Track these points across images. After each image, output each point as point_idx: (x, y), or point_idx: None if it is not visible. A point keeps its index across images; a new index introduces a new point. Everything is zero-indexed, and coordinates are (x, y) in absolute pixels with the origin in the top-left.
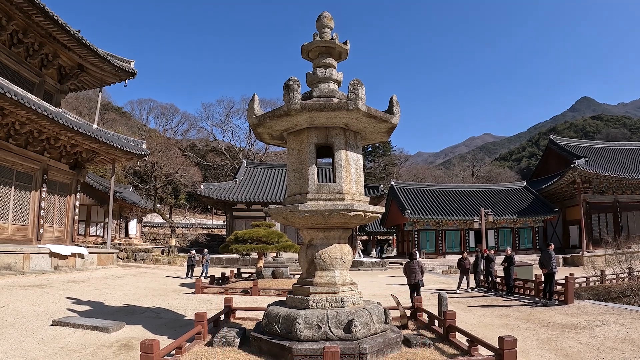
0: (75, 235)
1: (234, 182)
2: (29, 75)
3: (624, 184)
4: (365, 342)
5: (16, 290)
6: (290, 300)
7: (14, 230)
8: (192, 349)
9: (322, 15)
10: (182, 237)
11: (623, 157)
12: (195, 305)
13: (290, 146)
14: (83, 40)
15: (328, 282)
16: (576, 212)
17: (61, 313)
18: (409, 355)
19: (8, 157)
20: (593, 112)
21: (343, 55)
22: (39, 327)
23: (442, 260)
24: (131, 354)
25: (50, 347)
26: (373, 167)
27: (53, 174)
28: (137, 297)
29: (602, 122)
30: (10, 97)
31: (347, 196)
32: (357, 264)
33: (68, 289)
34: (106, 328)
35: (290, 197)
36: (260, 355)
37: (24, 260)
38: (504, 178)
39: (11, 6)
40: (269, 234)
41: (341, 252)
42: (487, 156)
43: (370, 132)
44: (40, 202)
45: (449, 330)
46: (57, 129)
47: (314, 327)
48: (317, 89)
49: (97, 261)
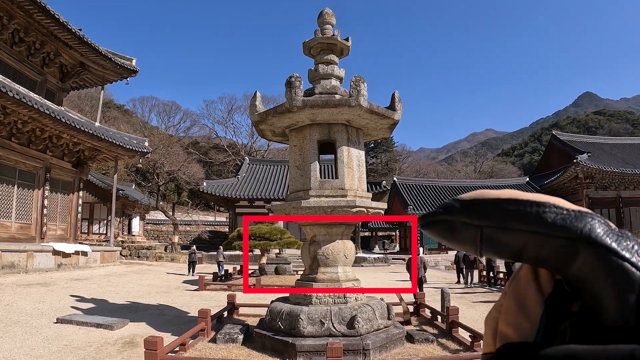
0: (78, 233)
1: (237, 179)
2: (31, 74)
3: (626, 180)
4: (368, 338)
5: (20, 288)
6: (293, 297)
7: (17, 229)
8: (196, 345)
9: (323, 11)
10: (184, 234)
11: (625, 153)
12: (199, 302)
13: (292, 143)
14: (84, 38)
15: (331, 279)
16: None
17: (65, 311)
18: (412, 351)
19: (11, 156)
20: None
21: (345, 52)
22: (43, 324)
23: (444, 256)
24: (135, 351)
25: (55, 344)
26: (375, 163)
27: (56, 172)
28: (140, 295)
29: (605, 118)
30: (13, 96)
31: (349, 192)
32: (360, 260)
33: (71, 286)
34: (110, 325)
35: (292, 194)
36: (263, 351)
37: (28, 259)
38: (507, 174)
39: (12, 5)
40: (271, 230)
41: (344, 248)
42: (490, 152)
43: (373, 129)
44: (43, 200)
45: (451, 326)
46: (59, 128)
47: (317, 323)
48: (319, 86)
49: (101, 259)
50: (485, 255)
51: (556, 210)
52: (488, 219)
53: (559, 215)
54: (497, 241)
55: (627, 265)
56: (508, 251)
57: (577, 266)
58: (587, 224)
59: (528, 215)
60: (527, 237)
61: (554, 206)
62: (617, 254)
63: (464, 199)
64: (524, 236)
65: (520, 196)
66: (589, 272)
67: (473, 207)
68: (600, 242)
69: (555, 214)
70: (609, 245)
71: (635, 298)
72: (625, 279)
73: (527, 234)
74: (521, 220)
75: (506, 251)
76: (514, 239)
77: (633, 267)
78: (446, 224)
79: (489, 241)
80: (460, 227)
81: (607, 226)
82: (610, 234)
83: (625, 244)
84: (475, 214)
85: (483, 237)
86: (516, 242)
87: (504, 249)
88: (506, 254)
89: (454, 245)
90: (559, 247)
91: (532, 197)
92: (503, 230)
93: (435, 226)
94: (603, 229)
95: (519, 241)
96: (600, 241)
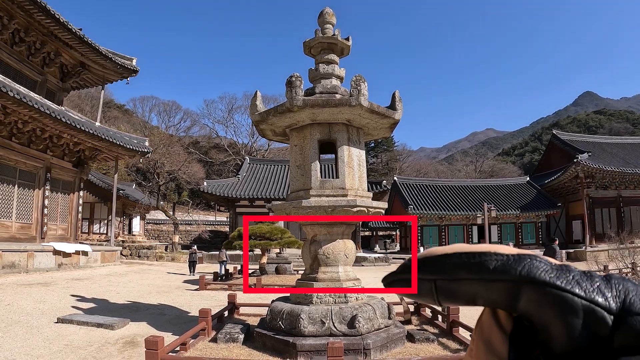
0: (79, 233)
1: (237, 178)
2: (31, 74)
3: (627, 179)
4: (369, 337)
5: (21, 288)
6: (294, 296)
7: (17, 229)
8: (197, 345)
9: (324, 11)
10: (185, 233)
11: (626, 152)
12: (199, 302)
13: (293, 142)
14: (85, 38)
15: (331, 278)
16: (579, 207)
17: (66, 310)
18: (413, 351)
19: (11, 156)
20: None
21: (345, 52)
22: (43, 324)
23: None
24: (136, 350)
25: (55, 344)
26: (376, 163)
27: (56, 172)
28: (141, 294)
29: (605, 117)
30: (13, 96)
31: (350, 192)
32: (361, 260)
33: (72, 286)
34: (111, 325)
35: (293, 193)
36: (264, 351)
37: (28, 259)
38: (507, 173)
39: (12, 5)
40: (272, 230)
41: (344, 248)
42: (490, 151)
43: (373, 128)
44: (43, 200)
45: (452, 325)
46: (59, 127)
47: (317, 323)
48: (320, 85)
49: (101, 258)
50: (444, 304)
51: (496, 257)
52: (438, 273)
53: (499, 262)
54: (450, 291)
55: (567, 295)
56: (463, 298)
57: (523, 304)
58: (526, 264)
59: (472, 266)
60: (475, 284)
61: (494, 254)
62: (557, 287)
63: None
64: (472, 284)
65: (464, 249)
66: (535, 308)
67: (424, 265)
68: (539, 279)
69: (495, 261)
70: (547, 280)
71: (581, 322)
72: (568, 307)
73: (474, 281)
74: (466, 271)
75: (461, 298)
76: (464, 288)
77: (574, 296)
78: (406, 282)
79: (443, 292)
80: (417, 283)
81: (545, 264)
82: (548, 270)
83: (564, 277)
84: (427, 270)
85: (437, 289)
86: (467, 290)
87: (459, 297)
88: (462, 300)
89: (417, 299)
90: (503, 290)
91: (475, 248)
92: (452, 281)
93: (397, 284)
94: (542, 267)
95: (469, 289)
96: (539, 278)
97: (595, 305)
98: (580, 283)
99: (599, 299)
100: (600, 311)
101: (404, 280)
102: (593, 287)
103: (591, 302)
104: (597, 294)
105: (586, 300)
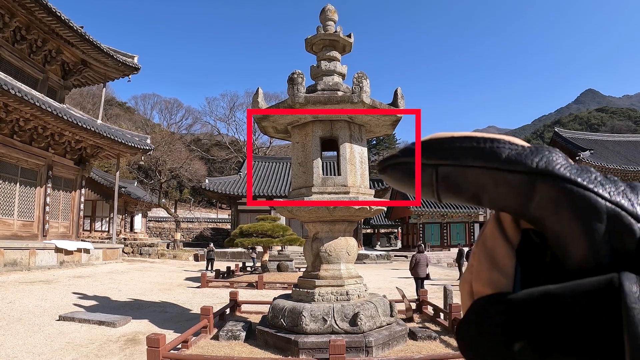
0: (81, 230)
1: (239, 175)
2: (33, 72)
3: (629, 177)
4: (371, 335)
5: (22, 286)
6: (295, 294)
7: (19, 227)
8: (199, 342)
9: (325, 8)
10: (187, 231)
11: (628, 150)
12: (201, 300)
13: (294, 139)
14: (86, 36)
15: (333, 275)
16: None
17: (67, 308)
18: (415, 348)
19: (13, 154)
20: (598, 104)
21: (347, 48)
22: (45, 322)
23: (447, 253)
24: (137, 348)
25: (57, 342)
26: (377, 160)
27: (58, 169)
28: (142, 292)
29: (607, 115)
30: (15, 94)
31: (352, 189)
32: (363, 257)
33: (74, 284)
34: (112, 323)
35: (295, 191)
36: (266, 348)
37: (30, 256)
38: None
39: (14, 3)
40: (274, 227)
41: (346, 245)
42: None
43: (375, 125)
44: (45, 198)
45: (454, 323)
46: (61, 125)
47: (319, 321)
48: (322, 82)
49: (103, 256)
50: (443, 198)
51: (511, 146)
52: (442, 157)
53: (514, 151)
54: (453, 181)
55: (590, 194)
56: (466, 192)
57: (536, 203)
58: (544, 157)
59: (481, 151)
60: (482, 174)
61: (508, 142)
62: (579, 184)
63: (421, 141)
64: (479, 174)
65: (475, 134)
66: (550, 209)
67: (428, 147)
68: (559, 173)
69: (509, 149)
70: (568, 176)
71: (604, 228)
72: (591, 209)
73: (482, 170)
74: (475, 157)
75: (464, 192)
76: (469, 178)
77: (597, 197)
78: (406, 166)
79: (445, 181)
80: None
81: (566, 159)
82: (569, 166)
83: (586, 176)
84: (431, 153)
85: (439, 177)
86: (472, 181)
87: (462, 190)
88: (465, 195)
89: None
90: (515, 185)
91: (487, 135)
92: (458, 167)
93: (395, 169)
94: (561, 162)
95: (475, 180)
96: (558, 173)
97: (621, 209)
98: (604, 184)
99: (625, 203)
100: (627, 217)
101: (405, 164)
102: (618, 190)
103: (617, 205)
104: (623, 197)
105: (611, 202)
